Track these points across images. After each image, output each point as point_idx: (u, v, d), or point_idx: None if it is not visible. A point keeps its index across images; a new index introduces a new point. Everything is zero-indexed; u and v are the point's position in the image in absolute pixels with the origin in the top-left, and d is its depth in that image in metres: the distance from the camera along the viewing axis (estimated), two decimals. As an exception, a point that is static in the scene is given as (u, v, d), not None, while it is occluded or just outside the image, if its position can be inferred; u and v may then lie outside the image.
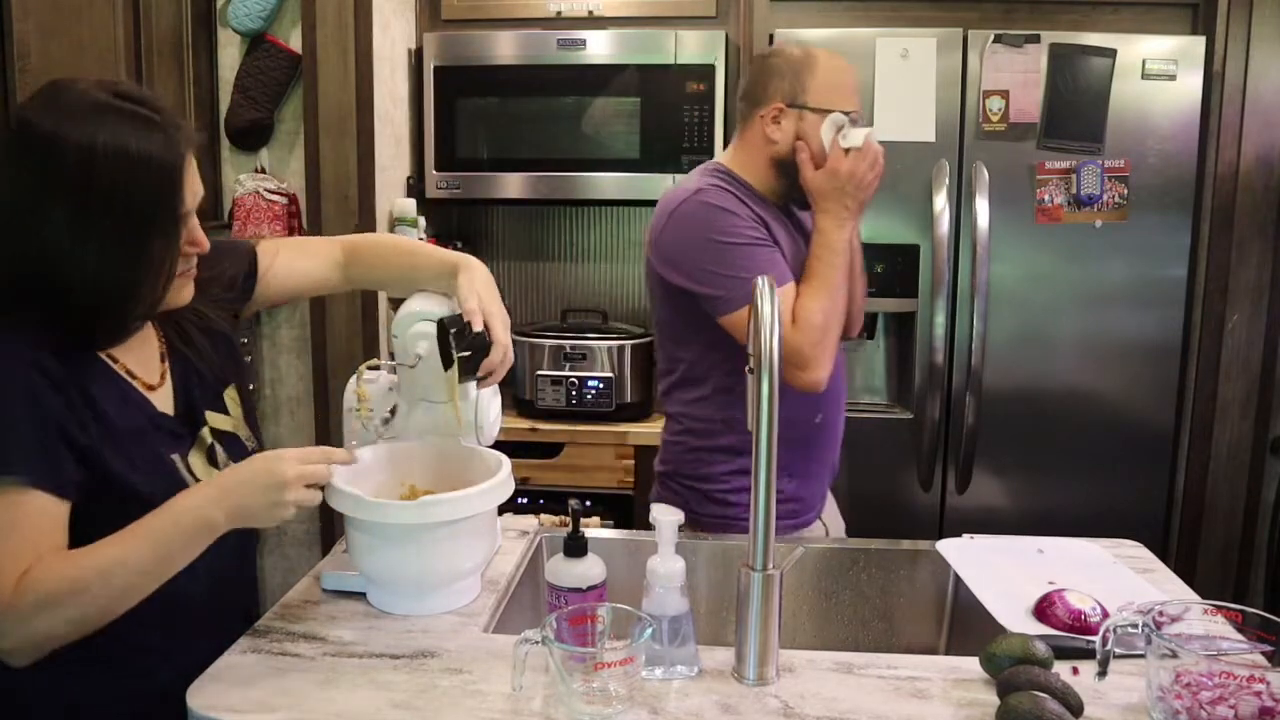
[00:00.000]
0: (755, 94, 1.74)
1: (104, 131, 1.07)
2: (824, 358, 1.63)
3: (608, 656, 1.06)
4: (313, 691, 1.12)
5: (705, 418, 1.76)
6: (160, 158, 1.10)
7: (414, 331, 1.36)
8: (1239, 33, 2.52)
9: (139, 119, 1.10)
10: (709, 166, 1.78)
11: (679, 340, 1.77)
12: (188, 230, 1.17)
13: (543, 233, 3.28)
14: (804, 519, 1.81)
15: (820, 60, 1.71)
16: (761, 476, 1.12)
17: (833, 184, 1.66)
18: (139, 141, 1.08)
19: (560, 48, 2.79)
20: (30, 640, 1.07)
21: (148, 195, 1.10)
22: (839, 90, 1.70)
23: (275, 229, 2.64)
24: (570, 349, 2.80)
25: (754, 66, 1.78)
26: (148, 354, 1.25)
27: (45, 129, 1.08)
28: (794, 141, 1.70)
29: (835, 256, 1.66)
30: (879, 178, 1.70)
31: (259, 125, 2.68)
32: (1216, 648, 1.11)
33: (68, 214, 1.08)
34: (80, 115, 1.08)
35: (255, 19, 2.62)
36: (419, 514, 1.25)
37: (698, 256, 1.66)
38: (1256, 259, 2.59)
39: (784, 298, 1.62)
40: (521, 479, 2.14)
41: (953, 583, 1.57)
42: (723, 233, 1.64)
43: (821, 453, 1.81)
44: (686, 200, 1.69)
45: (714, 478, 1.76)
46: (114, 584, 1.07)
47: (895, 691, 1.13)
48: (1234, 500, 2.67)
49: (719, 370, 1.73)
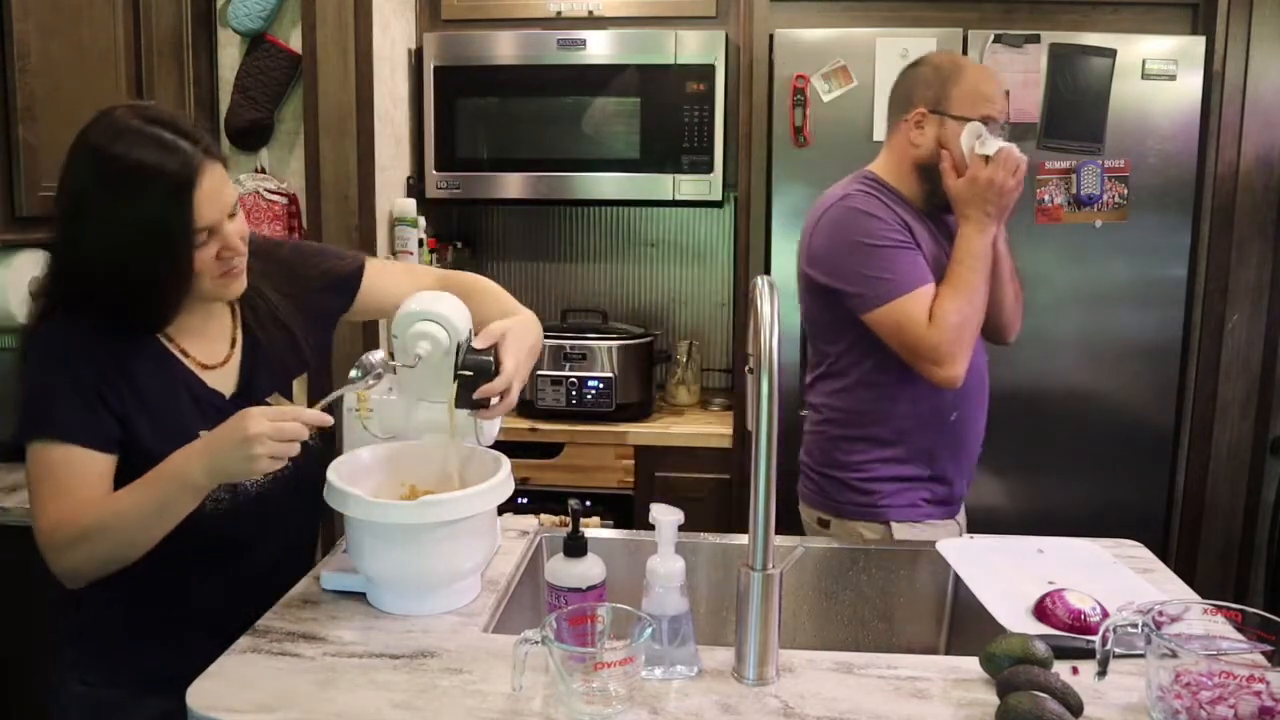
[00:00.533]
0: (901, 100, 1.84)
1: (128, 148, 1.21)
2: (959, 354, 1.71)
3: (608, 656, 1.06)
4: (313, 691, 1.12)
5: (846, 409, 1.85)
6: (175, 174, 1.22)
7: (414, 331, 1.36)
8: (1239, 33, 2.52)
9: (159, 140, 1.22)
10: (859, 173, 1.87)
11: (826, 336, 1.88)
12: (221, 237, 1.28)
13: (543, 233, 3.28)
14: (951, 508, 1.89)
15: (967, 70, 1.80)
16: (762, 476, 1.12)
17: (972, 191, 1.73)
18: (156, 157, 1.21)
19: (560, 48, 2.79)
20: (67, 569, 1.25)
21: (160, 207, 1.22)
22: (981, 99, 1.77)
23: (275, 229, 2.64)
24: (570, 349, 2.80)
25: (902, 74, 1.86)
26: (214, 336, 1.40)
27: (86, 144, 1.24)
28: (935, 147, 1.78)
29: (975, 260, 1.73)
30: (1020, 185, 1.75)
31: (259, 125, 2.68)
32: (1216, 648, 1.11)
33: (100, 218, 1.23)
34: (113, 133, 1.23)
35: (255, 19, 2.62)
36: (419, 514, 1.25)
37: (844, 258, 1.77)
38: (1256, 259, 2.59)
39: (923, 298, 1.72)
40: (521, 479, 2.13)
41: (953, 583, 1.57)
42: (867, 235, 1.74)
43: (957, 450, 1.87)
44: (834, 205, 1.81)
45: (854, 466, 1.84)
46: (118, 532, 1.22)
47: (895, 691, 1.13)
48: (1234, 500, 2.67)
49: (861, 365, 1.82)
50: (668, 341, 3.14)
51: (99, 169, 1.22)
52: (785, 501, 2.22)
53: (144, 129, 1.22)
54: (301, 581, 1.43)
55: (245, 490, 1.36)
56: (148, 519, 1.22)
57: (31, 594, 1.96)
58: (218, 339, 1.41)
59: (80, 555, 1.23)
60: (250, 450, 1.17)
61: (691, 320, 3.25)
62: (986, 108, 1.77)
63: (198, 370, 1.37)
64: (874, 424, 1.82)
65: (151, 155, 1.21)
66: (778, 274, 2.54)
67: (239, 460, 1.18)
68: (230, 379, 1.40)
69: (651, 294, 3.26)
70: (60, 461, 1.24)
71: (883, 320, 1.73)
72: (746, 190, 2.66)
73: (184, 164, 1.22)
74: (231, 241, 1.29)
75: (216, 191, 1.25)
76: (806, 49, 2.48)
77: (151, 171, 1.20)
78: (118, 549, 1.23)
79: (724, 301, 3.23)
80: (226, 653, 1.21)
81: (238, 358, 1.42)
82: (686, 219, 3.21)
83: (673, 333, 3.21)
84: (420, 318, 1.36)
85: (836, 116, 2.49)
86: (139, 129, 1.22)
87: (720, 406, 2.99)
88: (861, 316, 1.75)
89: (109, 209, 1.22)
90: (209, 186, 1.24)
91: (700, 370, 3.09)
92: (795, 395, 2.59)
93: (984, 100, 1.77)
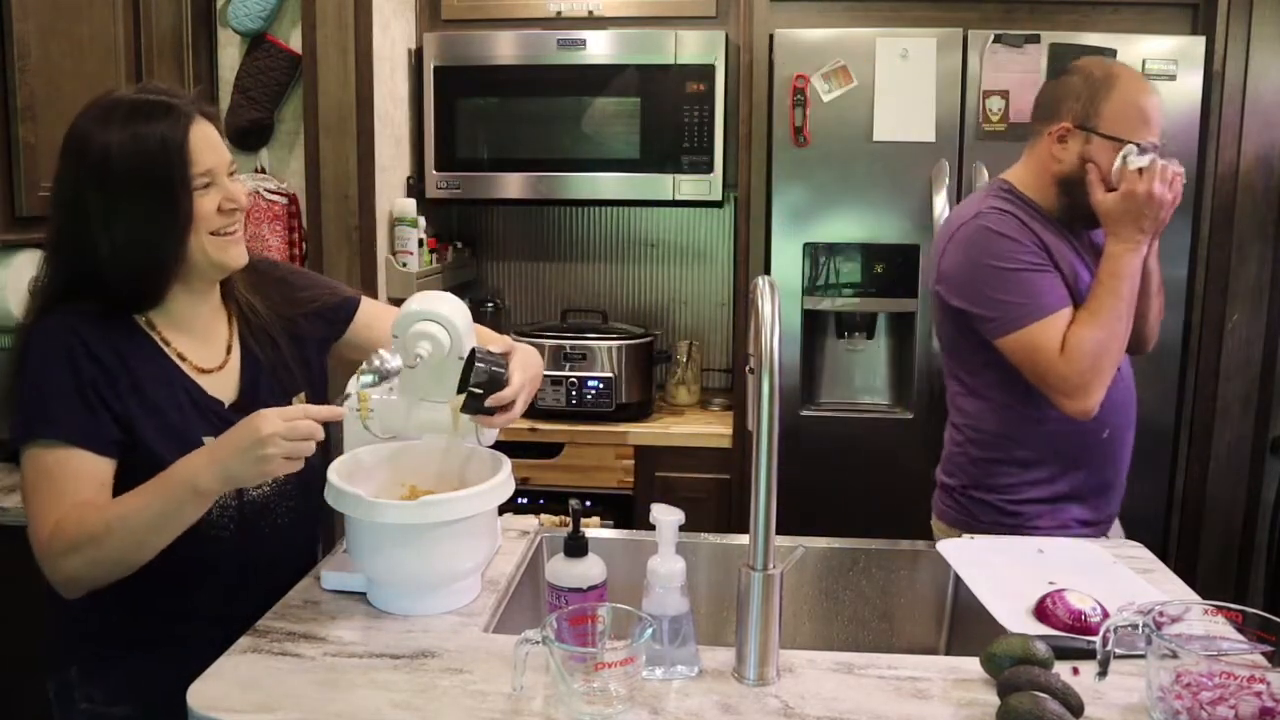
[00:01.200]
0: (1046, 110, 1.74)
1: (119, 123, 1.26)
2: (1093, 386, 1.63)
3: (608, 656, 1.06)
4: (313, 691, 1.12)
5: (989, 431, 1.79)
6: (165, 135, 1.26)
7: (414, 331, 1.36)
8: (1239, 33, 2.52)
9: (149, 105, 1.27)
10: (995, 184, 1.79)
11: (961, 356, 1.81)
12: (221, 188, 1.31)
13: (543, 233, 3.28)
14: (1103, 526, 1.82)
15: (1120, 83, 1.68)
16: (762, 476, 1.12)
17: (1125, 206, 1.63)
18: (147, 125, 1.25)
19: (560, 48, 2.79)
20: (64, 578, 1.23)
21: (158, 167, 1.25)
22: (1135, 120, 1.66)
23: (275, 229, 2.64)
24: (570, 349, 2.80)
25: (1050, 80, 1.77)
26: (209, 338, 1.40)
27: (77, 130, 1.28)
28: (1079, 163, 1.69)
29: (1120, 283, 1.64)
30: (1178, 200, 1.66)
31: (259, 125, 2.68)
32: (1216, 648, 1.11)
33: (97, 197, 1.25)
34: (104, 114, 1.27)
35: (255, 19, 2.62)
36: (419, 514, 1.25)
37: (975, 280, 1.70)
38: (1256, 259, 2.59)
39: (1056, 324, 1.64)
40: (521, 479, 2.13)
41: (953, 583, 1.57)
42: (999, 258, 1.67)
43: (1108, 467, 1.80)
44: (967, 224, 1.73)
45: (1002, 489, 1.77)
46: (121, 538, 1.19)
47: (895, 691, 1.13)
48: (1234, 500, 2.67)
49: (1002, 387, 1.74)
50: (668, 341, 3.14)
51: (100, 120, 1.27)
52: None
53: (141, 90, 1.32)
54: (301, 581, 1.43)
55: (248, 495, 1.36)
56: (153, 526, 1.19)
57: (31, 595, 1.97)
58: (213, 341, 1.40)
59: (80, 562, 1.20)
60: (263, 451, 1.15)
61: (691, 320, 3.25)
62: (1142, 131, 1.66)
63: (194, 375, 1.36)
64: (1019, 446, 1.75)
65: (147, 102, 1.28)
66: (778, 274, 2.54)
67: (251, 462, 1.16)
68: (228, 387, 1.39)
69: (651, 294, 3.26)
70: (58, 464, 1.22)
71: (1014, 347, 1.66)
72: (746, 190, 2.65)
73: (178, 110, 1.28)
74: (232, 192, 1.32)
75: (212, 141, 1.30)
76: (806, 49, 2.48)
77: (149, 110, 1.26)
78: (120, 556, 1.20)
79: (724, 301, 3.23)
80: (226, 653, 1.21)
81: (236, 366, 1.41)
82: (686, 219, 3.21)
83: (673, 333, 3.21)
84: (421, 318, 1.36)
85: (836, 116, 2.49)
86: (136, 91, 1.32)
87: (720, 406, 2.99)
88: (993, 341, 1.69)
89: (109, 158, 1.25)
90: (203, 133, 1.29)
91: (700, 370, 3.09)
92: (795, 395, 2.60)
93: (1139, 121, 1.66)
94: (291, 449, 1.16)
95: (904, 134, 2.47)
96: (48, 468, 1.22)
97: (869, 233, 2.52)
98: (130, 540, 1.20)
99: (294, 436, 1.16)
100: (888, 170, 2.49)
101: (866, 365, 2.71)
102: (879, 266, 2.54)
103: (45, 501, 1.22)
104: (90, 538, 1.19)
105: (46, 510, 1.21)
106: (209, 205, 1.29)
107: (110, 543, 1.19)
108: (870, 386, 2.71)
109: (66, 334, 1.26)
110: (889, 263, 2.53)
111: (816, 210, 2.53)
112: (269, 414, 1.17)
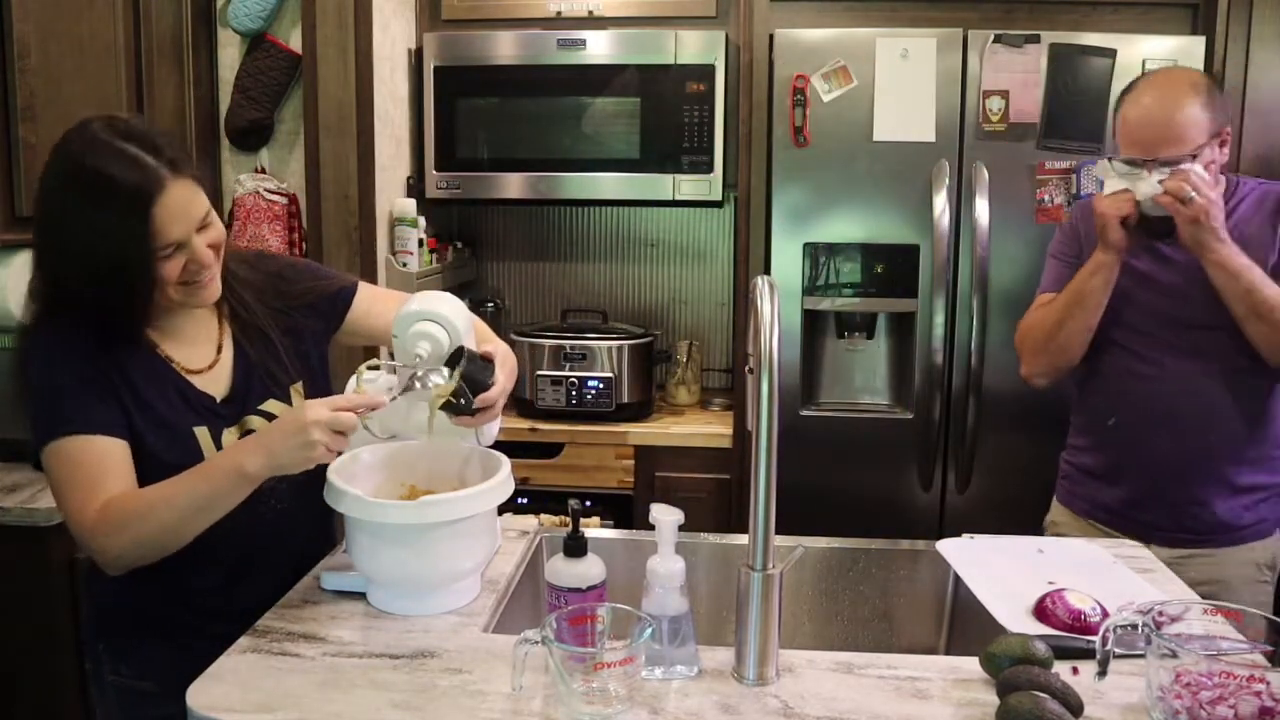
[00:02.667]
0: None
1: (96, 160, 1.24)
2: (1022, 354, 1.97)
3: (608, 656, 1.06)
4: (312, 691, 1.12)
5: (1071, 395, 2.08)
6: (134, 190, 1.23)
7: (414, 331, 1.36)
8: (1239, 33, 2.52)
9: (124, 155, 1.24)
10: None
11: None
12: (188, 251, 1.29)
13: (543, 233, 3.28)
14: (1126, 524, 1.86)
15: (1125, 96, 1.80)
16: (762, 476, 1.12)
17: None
18: (119, 172, 1.23)
19: (560, 48, 2.78)
20: (111, 557, 1.27)
21: (120, 222, 1.24)
22: (1119, 133, 1.80)
23: (275, 229, 2.64)
24: (570, 349, 2.80)
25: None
26: (199, 340, 1.42)
27: (60, 153, 1.27)
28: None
29: (1080, 279, 1.82)
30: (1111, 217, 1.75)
31: (259, 125, 2.68)
32: (1216, 648, 1.11)
33: (69, 225, 1.26)
34: (85, 145, 1.25)
35: (255, 19, 2.62)
36: (419, 514, 1.25)
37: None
38: (1256, 259, 2.59)
39: (1038, 301, 1.96)
40: (521, 479, 2.13)
41: (953, 583, 1.57)
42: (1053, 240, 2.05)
43: (1123, 460, 1.88)
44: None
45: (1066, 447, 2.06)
46: (166, 518, 1.25)
47: (895, 691, 1.13)
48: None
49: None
50: (668, 341, 3.14)
51: (69, 179, 1.25)
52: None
53: (113, 143, 1.25)
54: (301, 581, 1.43)
55: (262, 494, 1.36)
56: (198, 507, 1.25)
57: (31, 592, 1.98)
58: (203, 343, 1.43)
59: (126, 540, 1.25)
60: (309, 437, 1.20)
61: (691, 320, 3.25)
62: (1123, 146, 1.77)
63: (185, 375, 1.39)
64: (1073, 412, 2.00)
65: (115, 169, 1.23)
66: (778, 274, 2.54)
67: (296, 448, 1.21)
68: (220, 384, 1.42)
69: (651, 294, 3.26)
70: (82, 453, 1.27)
71: None
72: (746, 190, 2.65)
73: (145, 181, 1.23)
74: (199, 255, 1.30)
75: (182, 208, 1.27)
76: (806, 49, 2.48)
77: (114, 186, 1.23)
78: (164, 535, 1.26)
79: (724, 301, 3.23)
80: (226, 653, 1.21)
81: (228, 363, 1.43)
82: (686, 219, 3.21)
83: (673, 333, 3.21)
84: (421, 318, 1.36)
85: (836, 116, 2.49)
86: (108, 142, 1.25)
87: (720, 406, 2.99)
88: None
89: (76, 217, 1.25)
90: (173, 203, 1.25)
91: (700, 370, 3.09)
92: (795, 395, 2.60)
93: (1121, 135, 1.79)
94: (335, 439, 1.22)
95: (904, 134, 2.47)
96: (74, 458, 1.27)
97: (869, 233, 2.52)
98: (175, 520, 1.25)
99: (338, 426, 1.22)
100: (888, 170, 2.49)
101: (866, 365, 2.71)
102: (879, 266, 2.54)
103: (80, 487, 1.26)
104: (138, 516, 1.25)
105: (84, 495, 1.26)
106: (173, 270, 1.29)
107: (156, 520, 1.25)
108: (870, 386, 2.71)
109: (61, 342, 1.31)
110: (889, 263, 2.53)
111: (816, 210, 2.53)
112: (316, 404, 1.23)
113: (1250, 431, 1.80)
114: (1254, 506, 1.82)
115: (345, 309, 1.55)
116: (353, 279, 1.60)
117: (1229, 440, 1.80)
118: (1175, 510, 1.83)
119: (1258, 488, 1.82)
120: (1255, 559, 1.83)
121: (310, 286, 1.53)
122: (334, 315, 1.55)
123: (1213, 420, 1.80)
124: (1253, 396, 1.80)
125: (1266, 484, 1.83)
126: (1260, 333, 1.70)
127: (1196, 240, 1.68)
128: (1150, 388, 1.82)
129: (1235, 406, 1.79)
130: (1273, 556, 1.87)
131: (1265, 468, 1.82)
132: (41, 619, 1.98)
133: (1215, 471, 1.81)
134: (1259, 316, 1.68)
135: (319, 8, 2.53)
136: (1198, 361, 1.79)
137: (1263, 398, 1.80)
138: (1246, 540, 1.83)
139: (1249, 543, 1.83)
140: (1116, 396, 1.86)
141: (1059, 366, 1.92)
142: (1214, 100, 1.73)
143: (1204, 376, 1.79)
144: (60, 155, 1.27)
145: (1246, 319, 1.70)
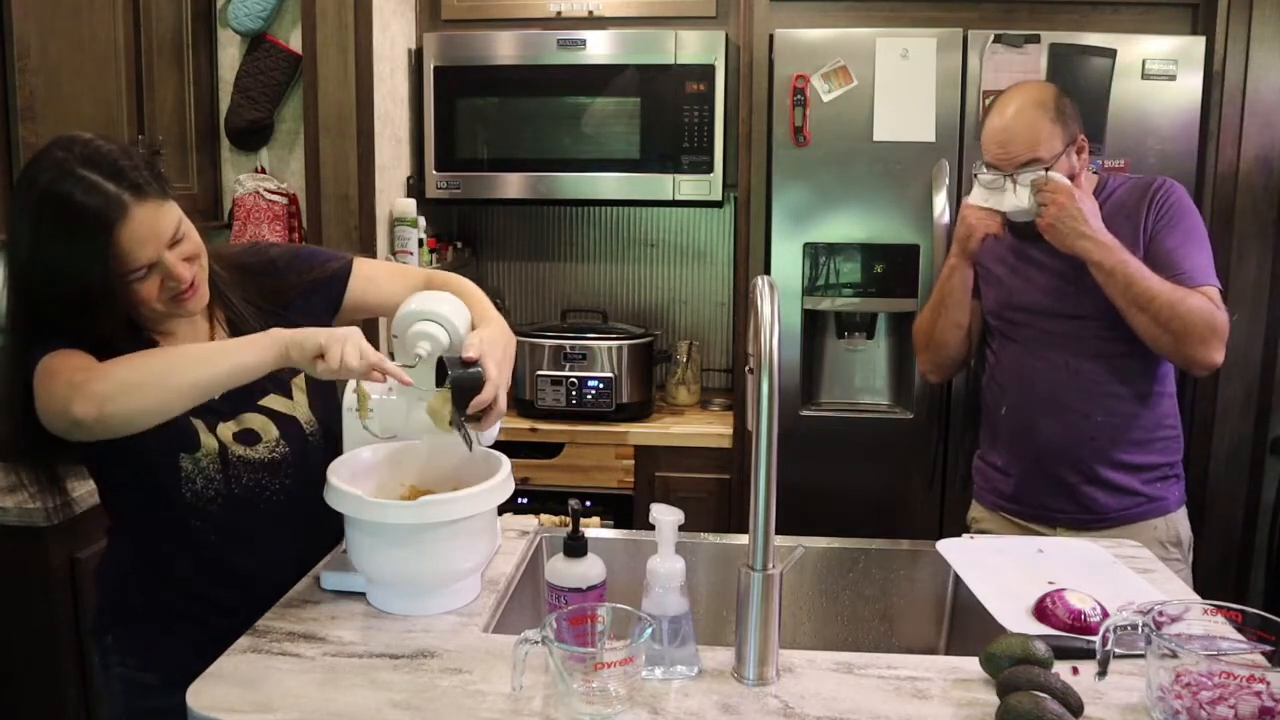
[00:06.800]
0: None
1: (60, 187, 1.21)
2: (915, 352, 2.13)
3: (608, 656, 1.06)
4: (313, 691, 1.12)
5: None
6: (93, 220, 1.21)
7: (414, 331, 1.36)
8: (1239, 33, 2.52)
9: (86, 183, 1.21)
10: None
11: None
12: (161, 269, 1.28)
13: (543, 233, 3.28)
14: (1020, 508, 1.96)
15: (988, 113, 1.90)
16: (761, 476, 1.12)
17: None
18: (81, 199, 1.20)
19: (560, 48, 2.79)
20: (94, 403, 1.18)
21: (80, 251, 1.22)
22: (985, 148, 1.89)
23: (275, 229, 2.64)
24: (570, 349, 2.80)
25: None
26: (192, 339, 1.40)
27: (27, 176, 1.25)
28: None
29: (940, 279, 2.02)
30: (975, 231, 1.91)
31: (259, 125, 2.68)
32: (1216, 648, 1.11)
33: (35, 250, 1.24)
34: (50, 169, 1.22)
35: (255, 19, 2.62)
36: (419, 514, 1.25)
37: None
38: (1256, 259, 2.59)
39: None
40: (521, 479, 2.13)
41: (953, 583, 1.57)
42: None
43: (1009, 446, 1.97)
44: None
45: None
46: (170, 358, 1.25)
47: (895, 691, 1.13)
48: (1234, 501, 2.67)
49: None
50: (668, 341, 3.15)
51: (32, 204, 1.23)
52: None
53: (75, 170, 1.22)
54: (301, 581, 1.43)
55: (236, 487, 1.36)
56: (209, 355, 1.26)
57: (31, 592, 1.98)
58: (200, 340, 1.42)
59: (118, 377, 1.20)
60: (337, 338, 1.21)
61: (691, 320, 3.25)
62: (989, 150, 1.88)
63: None
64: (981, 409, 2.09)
65: (77, 197, 1.20)
66: (778, 274, 2.54)
67: (320, 338, 1.22)
68: None
69: (651, 294, 3.26)
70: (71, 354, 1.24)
71: None
72: (746, 190, 2.66)
73: (106, 208, 1.21)
74: (175, 272, 1.28)
75: (148, 229, 1.24)
76: (806, 49, 2.48)
77: (76, 215, 1.21)
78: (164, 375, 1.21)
79: (724, 301, 3.23)
80: (226, 653, 1.21)
81: None
82: (686, 219, 3.21)
83: (673, 333, 3.21)
84: (420, 317, 1.36)
85: (836, 116, 2.49)
86: (70, 170, 1.22)
87: (720, 406, 2.99)
88: None
89: (41, 244, 1.23)
90: (137, 227, 1.23)
91: (700, 370, 3.09)
92: (795, 395, 2.60)
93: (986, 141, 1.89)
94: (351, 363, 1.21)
95: (904, 134, 2.47)
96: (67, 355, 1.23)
97: (869, 233, 2.53)
98: (180, 363, 1.23)
99: (367, 357, 1.22)
100: (888, 170, 2.49)
101: (866, 365, 2.71)
102: (879, 266, 2.54)
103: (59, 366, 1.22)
104: (139, 357, 1.23)
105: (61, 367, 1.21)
106: (150, 291, 1.28)
107: (160, 359, 1.25)
108: (870, 386, 2.71)
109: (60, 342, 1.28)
110: (889, 263, 2.53)
111: (816, 210, 2.53)
112: (357, 337, 1.24)
113: (1135, 413, 1.87)
114: (1149, 484, 1.89)
115: (342, 291, 1.54)
116: (347, 257, 1.57)
117: (1113, 423, 1.87)
118: (1070, 493, 1.90)
119: (1148, 467, 1.89)
120: (1159, 537, 1.88)
121: (311, 270, 1.52)
122: (331, 298, 1.54)
123: (1095, 404, 1.87)
124: (1135, 380, 1.87)
125: (1157, 463, 1.90)
126: (1142, 323, 1.75)
127: (1061, 243, 1.77)
128: (1035, 376, 1.91)
129: (1117, 391, 1.87)
130: (1177, 534, 1.91)
131: (1155, 449, 1.90)
132: (41, 619, 1.98)
133: (1101, 452, 1.87)
134: (1139, 308, 1.74)
135: (319, 8, 2.54)
136: (1078, 349, 1.87)
137: (1146, 381, 1.87)
138: (1148, 517, 1.89)
139: (1150, 519, 1.89)
140: (1006, 387, 1.97)
141: (941, 363, 2.08)
142: (1064, 112, 1.82)
143: (1085, 361, 1.87)
144: (25, 183, 1.25)
145: (1128, 311, 1.76)
